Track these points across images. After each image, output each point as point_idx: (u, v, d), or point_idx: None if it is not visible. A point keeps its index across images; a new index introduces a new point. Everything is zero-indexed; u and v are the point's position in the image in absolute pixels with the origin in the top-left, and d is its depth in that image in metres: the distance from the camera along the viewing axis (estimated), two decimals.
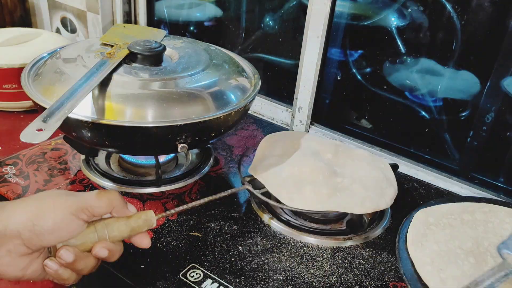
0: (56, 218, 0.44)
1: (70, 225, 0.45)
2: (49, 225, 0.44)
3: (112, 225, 0.48)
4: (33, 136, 0.49)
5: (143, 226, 0.49)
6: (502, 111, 0.77)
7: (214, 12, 1.12)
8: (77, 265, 0.46)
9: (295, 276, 0.58)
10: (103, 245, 0.47)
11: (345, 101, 0.97)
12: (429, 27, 0.81)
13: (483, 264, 0.58)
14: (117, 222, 0.48)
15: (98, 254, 0.47)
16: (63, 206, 0.45)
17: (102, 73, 0.61)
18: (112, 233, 0.48)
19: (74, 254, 0.46)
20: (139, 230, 0.49)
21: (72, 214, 0.45)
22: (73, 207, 0.45)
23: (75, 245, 0.46)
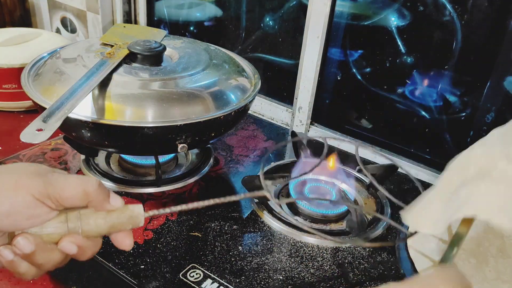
0: (15, 201, 0.37)
1: (31, 210, 0.37)
2: (5, 208, 0.37)
3: (88, 218, 0.40)
4: (33, 136, 0.49)
5: (127, 223, 0.41)
6: (502, 111, 0.77)
7: (214, 12, 1.12)
8: (37, 257, 0.38)
9: (295, 276, 0.58)
10: (72, 239, 0.39)
11: (345, 101, 0.97)
12: (429, 27, 0.81)
13: (483, 265, 0.58)
14: (95, 214, 0.40)
15: (65, 248, 0.39)
16: (27, 187, 0.37)
17: (102, 73, 0.61)
18: (86, 227, 0.39)
19: (34, 244, 0.38)
20: (121, 227, 0.41)
21: (35, 198, 0.37)
22: (38, 190, 0.37)
23: (40, 235, 0.38)
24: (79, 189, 0.38)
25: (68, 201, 0.38)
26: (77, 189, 0.38)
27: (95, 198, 0.39)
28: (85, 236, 0.40)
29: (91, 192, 0.39)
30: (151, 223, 0.64)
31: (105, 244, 0.56)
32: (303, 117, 0.95)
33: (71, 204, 0.39)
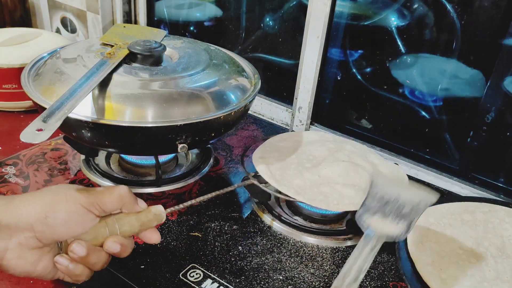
0: (69, 210, 0.44)
1: (82, 218, 0.45)
2: (62, 217, 0.44)
3: (122, 220, 0.48)
4: (33, 136, 0.49)
5: (153, 220, 0.50)
6: (502, 111, 0.77)
7: (214, 12, 1.12)
8: (90, 259, 0.46)
9: (295, 276, 0.58)
10: (114, 239, 0.47)
11: (345, 101, 0.97)
12: (429, 27, 0.81)
13: (483, 264, 0.58)
14: (127, 217, 0.48)
15: (110, 248, 0.47)
16: (75, 199, 0.45)
17: (102, 73, 0.61)
18: (123, 228, 0.48)
19: (87, 248, 0.45)
20: (150, 225, 0.50)
21: (83, 207, 0.45)
22: (85, 200, 0.45)
23: (87, 239, 0.46)
24: (115, 194, 0.47)
25: (108, 205, 0.47)
26: (114, 195, 0.47)
27: (128, 200, 0.48)
28: (123, 235, 0.48)
29: (124, 196, 0.48)
30: None
31: None
32: (303, 117, 0.95)
33: (110, 209, 0.47)
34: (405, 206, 0.52)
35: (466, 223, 0.65)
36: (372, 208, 0.53)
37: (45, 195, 0.45)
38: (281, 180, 0.64)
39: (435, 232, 0.63)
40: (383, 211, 0.52)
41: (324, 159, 0.69)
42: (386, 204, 0.52)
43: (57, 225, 0.44)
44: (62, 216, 0.44)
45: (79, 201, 0.45)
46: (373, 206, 0.53)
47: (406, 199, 0.52)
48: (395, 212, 0.52)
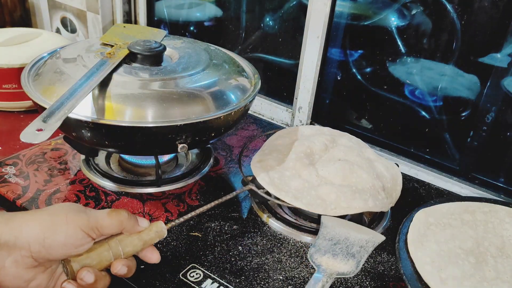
0: (68, 234, 0.45)
1: (79, 241, 0.46)
2: (61, 239, 0.44)
3: (125, 241, 0.48)
4: (33, 136, 0.49)
5: (155, 237, 0.50)
6: (502, 111, 0.77)
7: (214, 12, 1.12)
8: (97, 285, 0.47)
9: (295, 276, 0.58)
10: (122, 263, 0.48)
11: (345, 101, 0.97)
12: (429, 27, 0.81)
13: (483, 264, 0.58)
14: (130, 237, 0.49)
15: (119, 272, 0.48)
16: (75, 222, 0.45)
17: (102, 73, 0.61)
18: (126, 249, 0.48)
19: (95, 275, 0.46)
20: (151, 242, 0.50)
21: (82, 231, 0.46)
22: (85, 224, 0.46)
23: (92, 264, 0.47)
24: (116, 220, 0.48)
25: (108, 230, 0.47)
26: (115, 221, 0.47)
27: (128, 224, 0.48)
28: (126, 256, 0.49)
29: (124, 221, 0.48)
30: None
31: None
32: (303, 117, 0.95)
33: (109, 233, 0.48)
34: (354, 245, 0.58)
35: (466, 223, 0.65)
36: (322, 248, 0.58)
37: (46, 216, 0.45)
38: (279, 185, 0.64)
39: (435, 232, 0.63)
40: (333, 250, 0.57)
41: (321, 157, 0.69)
42: (336, 244, 0.58)
43: (55, 246, 0.44)
44: (60, 239, 0.44)
45: (79, 225, 0.45)
46: (324, 246, 0.58)
47: (354, 239, 0.59)
48: (344, 251, 0.57)
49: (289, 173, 0.66)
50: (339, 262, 0.55)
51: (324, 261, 0.56)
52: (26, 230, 0.44)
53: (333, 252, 0.57)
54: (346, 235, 0.59)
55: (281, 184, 0.64)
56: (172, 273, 0.56)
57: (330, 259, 0.56)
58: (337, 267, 0.55)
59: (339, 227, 0.61)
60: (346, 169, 0.66)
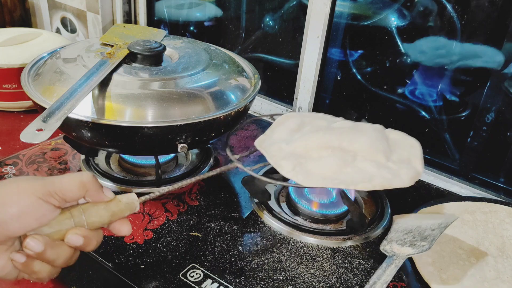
0: (21, 203, 0.40)
1: (38, 210, 0.40)
2: (13, 211, 0.39)
3: (90, 210, 0.43)
4: (33, 136, 0.49)
5: (125, 210, 0.45)
6: (502, 111, 0.77)
7: (214, 12, 1.12)
8: (48, 255, 0.41)
9: (295, 276, 0.58)
10: (76, 231, 0.42)
11: (345, 101, 0.97)
12: (429, 27, 0.81)
13: (483, 264, 0.58)
14: (95, 206, 0.44)
15: (71, 241, 0.42)
16: (29, 190, 0.40)
17: (102, 73, 0.61)
18: (90, 219, 0.43)
19: (43, 243, 0.40)
20: (121, 214, 0.45)
21: (39, 198, 0.40)
22: (41, 190, 0.40)
23: (48, 233, 0.42)
24: (76, 181, 0.42)
25: (68, 194, 0.42)
26: (75, 181, 0.42)
27: (91, 187, 0.43)
28: (91, 227, 0.43)
29: (87, 182, 0.42)
30: (151, 223, 0.64)
31: (105, 244, 0.57)
32: None
33: (71, 197, 0.42)
34: (426, 230, 0.58)
35: (466, 223, 0.65)
36: (394, 239, 0.59)
37: None
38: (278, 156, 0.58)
39: None
40: (405, 239, 0.58)
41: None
42: (408, 233, 0.59)
43: (8, 220, 0.39)
44: (13, 211, 0.39)
45: (34, 192, 0.40)
46: (396, 237, 0.60)
47: (426, 225, 0.59)
48: (417, 237, 0.58)
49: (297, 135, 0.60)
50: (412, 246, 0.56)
51: (396, 248, 0.57)
52: None
53: (405, 239, 0.58)
54: (418, 224, 0.60)
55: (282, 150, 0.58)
56: (172, 273, 0.56)
57: (402, 246, 0.57)
58: (410, 250, 0.55)
59: (411, 220, 0.62)
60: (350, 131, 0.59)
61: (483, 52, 0.77)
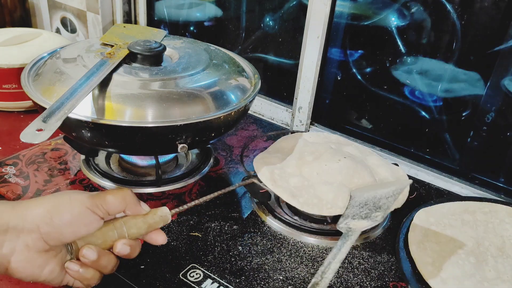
0: (73, 211, 0.46)
1: (86, 218, 0.46)
2: (67, 217, 0.45)
3: (130, 223, 0.50)
4: (33, 136, 0.49)
5: (160, 222, 0.52)
6: (502, 111, 0.77)
7: (214, 12, 1.12)
8: (100, 262, 0.48)
9: (295, 276, 0.58)
10: (124, 242, 0.49)
11: (345, 101, 0.97)
12: (429, 27, 0.81)
13: (483, 264, 0.58)
14: (134, 219, 0.50)
15: (121, 251, 0.49)
16: (79, 201, 0.46)
17: (102, 73, 0.61)
18: (131, 230, 0.50)
19: (97, 252, 0.47)
20: (156, 226, 0.52)
21: (87, 208, 0.46)
22: (88, 202, 0.47)
23: (97, 243, 0.48)
24: (118, 196, 0.48)
25: (112, 206, 0.48)
26: (117, 196, 0.48)
27: (130, 201, 0.49)
28: (130, 238, 0.50)
29: (127, 197, 0.49)
30: None
31: None
32: (303, 117, 0.95)
33: (113, 210, 0.49)
34: (381, 199, 0.57)
35: (467, 223, 0.65)
36: (350, 215, 0.58)
37: (50, 199, 0.46)
38: (278, 181, 0.64)
39: (436, 232, 0.63)
40: (361, 212, 0.57)
41: (324, 156, 0.69)
42: (364, 206, 0.58)
43: (63, 226, 0.45)
44: (67, 217, 0.45)
45: (83, 203, 0.46)
46: (352, 213, 0.58)
47: (381, 194, 0.59)
48: (372, 208, 0.57)
49: (290, 170, 0.66)
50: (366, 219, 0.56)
51: (351, 224, 0.56)
52: (33, 212, 0.44)
53: (360, 214, 0.57)
54: (374, 194, 0.60)
55: (280, 180, 0.64)
56: (172, 273, 0.56)
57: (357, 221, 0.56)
58: (364, 224, 0.55)
59: (367, 191, 0.61)
60: (350, 168, 0.66)
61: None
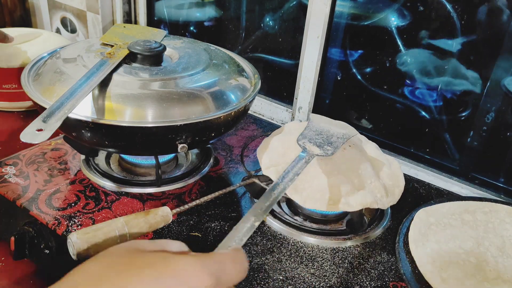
0: None
1: None
2: None
3: (131, 223, 0.50)
4: (33, 136, 0.49)
5: (161, 222, 0.52)
6: (502, 111, 0.77)
7: (214, 12, 1.12)
8: None
9: (295, 276, 0.58)
10: None
11: (345, 101, 0.97)
12: (429, 27, 0.81)
13: (483, 264, 0.58)
14: (136, 219, 0.51)
15: None
16: None
17: (102, 73, 0.61)
18: (132, 230, 0.50)
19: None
20: (157, 226, 0.52)
21: None
22: None
23: (98, 243, 0.48)
24: None
25: None
26: None
27: None
28: (132, 238, 0.50)
29: None
30: None
31: None
32: (303, 117, 0.95)
33: None
34: (333, 136, 0.68)
35: (467, 223, 0.65)
36: (308, 136, 0.67)
37: None
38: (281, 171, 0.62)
39: (436, 232, 0.63)
40: (315, 138, 0.67)
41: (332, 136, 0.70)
42: (319, 134, 0.68)
43: None
44: None
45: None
46: (309, 135, 0.67)
47: (334, 132, 0.69)
48: (325, 140, 0.67)
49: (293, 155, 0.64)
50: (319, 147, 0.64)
51: (307, 145, 0.64)
52: None
53: (315, 139, 0.66)
54: (328, 128, 0.70)
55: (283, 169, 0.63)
56: None
57: (312, 145, 0.65)
58: (317, 151, 0.63)
59: (323, 123, 0.72)
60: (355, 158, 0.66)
61: None
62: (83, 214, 0.64)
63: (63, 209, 0.64)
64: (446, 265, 0.57)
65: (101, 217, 0.64)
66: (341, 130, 0.70)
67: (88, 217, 0.63)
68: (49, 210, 0.64)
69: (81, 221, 0.62)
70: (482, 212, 0.67)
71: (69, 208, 0.64)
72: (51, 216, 0.63)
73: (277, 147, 0.68)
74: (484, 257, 0.59)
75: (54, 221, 0.62)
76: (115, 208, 0.66)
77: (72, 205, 0.65)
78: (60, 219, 0.62)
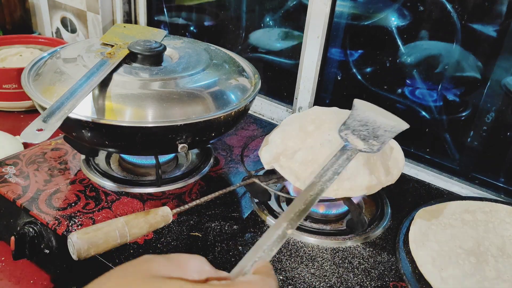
0: None
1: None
2: None
3: (131, 223, 0.50)
4: (33, 136, 0.49)
5: (161, 222, 0.52)
6: (502, 111, 0.77)
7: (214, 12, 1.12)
8: None
9: (295, 276, 0.58)
10: None
11: (345, 101, 0.97)
12: (429, 27, 0.81)
13: (484, 264, 0.58)
14: (136, 219, 0.51)
15: None
16: None
17: (102, 73, 0.61)
18: (132, 230, 0.50)
19: None
20: (157, 226, 0.52)
21: None
22: None
23: (98, 243, 0.48)
24: None
25: None
26: None
27: None
28: (132, 238, 0.50)
29: None
30: None
31: None
32: None
33: None
34: (380, 128, 0.60)
35: (467, 223, 0.65)
36: (351, 127, 0.60)
37: None
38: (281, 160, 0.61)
39: (436, 231, 0.63)
40: (360, 130, 0.59)
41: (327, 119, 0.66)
42: (364, 125, 0.60)
43: None
44: None
45: None
46: (353, 125, 0.60)
47: (381, 123, 0.61)
48: (371, 132, 0.59)
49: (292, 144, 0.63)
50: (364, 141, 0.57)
51: (350, 138, 0.57)
52: None
53: (359, 131, 0.59)
54: (375, 118, 0.61)
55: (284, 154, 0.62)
56: None
57: (356, 138, 0.58)
58: (362, 145, 0.56)
59: (369, 111, 0.62)
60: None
61: None
62: (83, 214, 0.64)
63: (63, 209, 0.64)
64: (446, 265, 0.57)
65: (101, 217, 0.64)
66: (389, 121, 0.61)
67: (88, 217, 0.63)
68: (49, 210, 0.64)
69: (81, 221, 0.62)
70: (482, 212, 0.67)
71: (69, 208, 0.64)
72: (51, 216, 0.63)
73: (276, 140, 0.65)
74: (484, 257, 0.59)
75: (54, 221, 0.62)
76: (115, 208, 0.66)
77: (72, 205, 0.65)
78: (60, 219, 0.62)
